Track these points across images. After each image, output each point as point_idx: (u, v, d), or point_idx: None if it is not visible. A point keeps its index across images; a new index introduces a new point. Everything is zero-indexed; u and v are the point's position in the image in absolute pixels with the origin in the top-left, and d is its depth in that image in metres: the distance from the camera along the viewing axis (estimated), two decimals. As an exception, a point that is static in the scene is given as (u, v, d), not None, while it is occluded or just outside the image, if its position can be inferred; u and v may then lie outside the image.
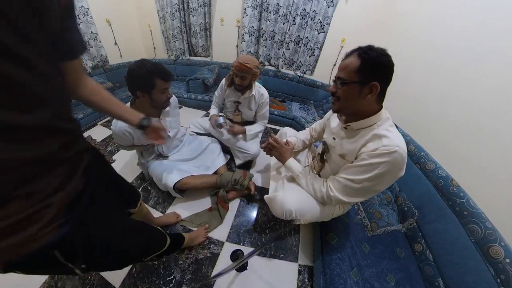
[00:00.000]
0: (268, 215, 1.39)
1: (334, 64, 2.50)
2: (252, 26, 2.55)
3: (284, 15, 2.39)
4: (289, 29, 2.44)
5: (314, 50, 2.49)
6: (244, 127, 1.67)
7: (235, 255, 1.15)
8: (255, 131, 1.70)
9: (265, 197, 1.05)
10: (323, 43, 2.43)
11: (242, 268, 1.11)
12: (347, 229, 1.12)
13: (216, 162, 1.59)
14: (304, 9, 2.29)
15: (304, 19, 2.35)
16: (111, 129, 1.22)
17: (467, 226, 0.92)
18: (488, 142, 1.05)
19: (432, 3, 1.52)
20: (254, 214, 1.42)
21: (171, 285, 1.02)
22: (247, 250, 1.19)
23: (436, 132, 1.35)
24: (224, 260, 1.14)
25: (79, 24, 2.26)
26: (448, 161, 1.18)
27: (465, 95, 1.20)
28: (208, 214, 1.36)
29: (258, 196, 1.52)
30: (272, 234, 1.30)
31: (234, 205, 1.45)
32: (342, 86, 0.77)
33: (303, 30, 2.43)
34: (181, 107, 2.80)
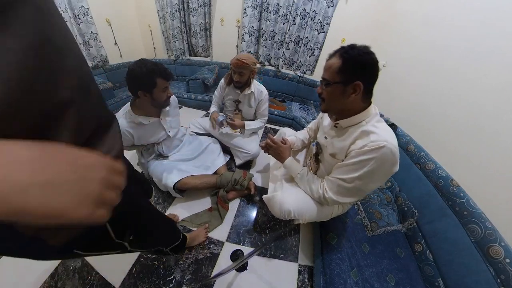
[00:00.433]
0: (268, 215, 1.39)
1: (334, 64, 2.50)
2: (252, 26, 2.55)
3: (284, 15, 2.39)
4: (289, 29, 2.44)
5: (314, 50, 2.49)
6: (243, 122, 1.67)
7: (235, 255, 1.15)
8: (254, 127, 1.70)
9: (263, 197, 1.05)
10: (323, 43, 2.43)
11: (242, 268, 1.11)
12: (347, 229, 1.12)
13: (216, 162, 1.59)
14: (304, 9, 2.29)
15: (304, 19, 2.35)
16: None
17: (467, 226, 0.92)
18: (488, 142, 1.05)
19: (432, 3, 1.52)
20: (254, 214, 1.42)
21: (171, 285, 1.02)
22: (247, 250, 1.19)
23: (436, 132, 1.35)
24: (224, 260, 1.14)
25: (79, 24, 2.27)
26: (448, 161, 1.18)
27: (465, 95, 1.20)
28: (208, 214, 1.36)
29: (258, 196, 1.52)
30: (272, 234, 1.30)
31: (234, 205, 1.45)
32: (326, 87, 0.78)
33: (303, 30, 2.43)
34: (181, 107, 2.80)
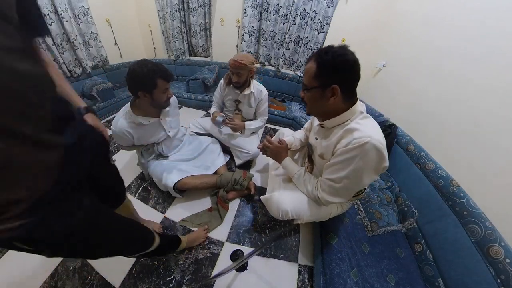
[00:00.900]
0: (268, 215, 1.39)
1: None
2: (252, 26, 2.55)
3: (284, 15, 2.39)
4: (289, 29, 2.44)
5: (314, 50, 2.48)
6: (243, 122, 1.67)
7: (235, 255, 1.15)
8: (254, 126, 1.70)
9: (261, 197, 1.06)
10: (323, 43, 2.43)
11: (242, 268, 1.11)
12: (347, 229, 1.12)
13: (216, 162, 1.59)
14: (304, 9, 2.29)
15: (304, 19, 2.35)
16: (111, 129, 1.21)
17: (467, 226, 0.92)
18: (488, 142, 1.05)
19: (432, 3, 1.52)
20: (254, 214, 1.42)
21: (171, 285, 1.02)
22: (247, 250, 1.19)
23: (436, 132, 1.35)
24: (224, 260, 1.14)
25: (79, 24, 2.27)
26: (448, 161, 1.18)
27: (465, 95, 1.20)
28: (208, 214, 1.36)
29: (258, 196, 1.52)
30: (272, 234, 1.30)
31: (234, 205, 1.45)
32: (305, 92, 0.79)
33: (303, 30, 2.43)
34: (181, 107, 2.80)
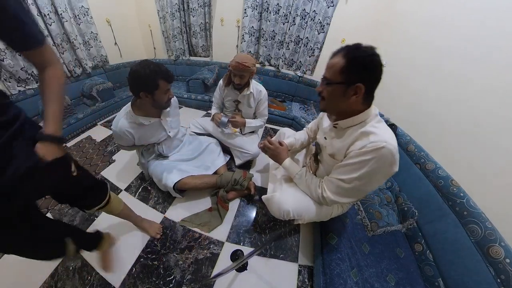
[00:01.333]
0: (268, 215, 1.39)
1: (334, 64, 2.50)
2: (252, 26, 2.55)
3: (284, 16, 2.39)
4: (289, 29, 2.44)
5: (314, 50, 2.49)
6: (244, 119, 1.67)
7: (235, 255, 1.15)
8: (254, 125, 1.71)
9: (263, 197, 1.05)
10: (323, 43, 2.43)
11: (242, 268, 1.11)
12: (347, 229, 1.12)
13: (216, 162, 1.59)
14: (304, 9, 2.29)
15: (304, 19, 2.35)
16: (111, 129, 1.21)
17: (467, 226, 0.92)
18: (488, 142, 1.05)
19: (432, 3, 1.52)
20: (254, 214, 1.42)
21: (171, 285, 1.02)
22: (247, 250, 1.19)
23: (436, 132, 1.35)
24: (224, 260, 1.14)
25: (79, 24, 2.27)
26: (448, 161, 1.18)
27: (465, 95, 1.20)
28: (208, 214, 1.36)
29: (258, 196, 1.52)
30: (272, 234, 1.30)
31: (234, 205, 1.45)
32: (327, 86, 0.77)
33: (303, 30, 2.43)
34: (181, 107, 2.80)
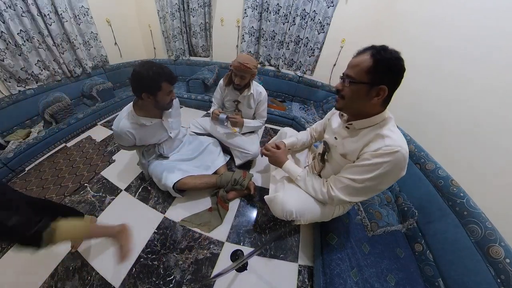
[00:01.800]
0: (268, 215, 1.39)
1: (334, 65, 2.50)
2: (252, 27, 2.55)
3: (284, 16, 2.39)
4: (289, 29, 2.44)
5: (314, 50, 2.49)
6: (243, 119, 1.67)
7: (235, 255, 1.15)
8: (253, 125, 1.71)
9: (265, 197, 1.05)
10: (323, 43, 2.43)
11: (242, 268, 1.11)
12: (347, 229, 1.12)
13: (216, 162, 1.59)
14: (304, 9, 2.29)
15: (304, 19, 2.35)
16: (112, 129, 1.21)
17: (467, 226, 0.92)
18: (488, 142, 1.04)
19: (432, 3, 1.52)
20: (254, 214, 1.42)
21: (171, 285, 1.02)
22: (247, 250, 1.19)
23: (436, 132, 1.35)
24: (224, 260, 1.14)
25: (79, 24, 2.27)
26: (448, 161, 1.18)
27: (465, 95, 1.20)
28: (208, 214, 1.36)
29: (258, 196, 1.52)
30: (272, 234, 1.30)
31: (234, 205, 1.45)
32: (350, 85, 0.75)
33: (303, 30, 2.43)
34: (181, 107, 2.78)
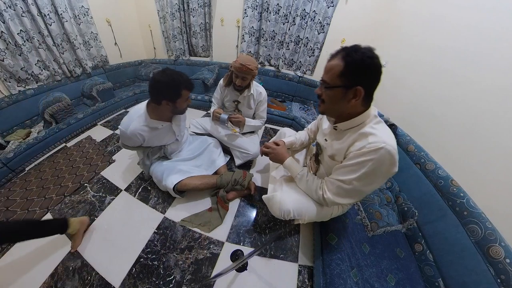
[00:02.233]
0: (268, 215, 1.39)
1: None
2: (252, 27, 2.55)
3: (284, 16, 2.39)
4: (289, 29, 2.44)
5: (314, 50, 2.49)
6: (244, 118, 1.67)
7: (235, 255, 1.15)
8: (254, 124, 1.71)
9: (263, 197, 1.05)
10: (323, 43, 2.43)
11: (242, 268, 1.11)
12: (347, 229, 1.12)
13: (217, 162, 1.59)
14: (304, 9, 2.29)
15: (304, 19, 2.35)
16: (119, 129, 1.21)
17: (467, 226, 0.92)
18: (488, 142, 1.05)
19: (432, 3, 1.52)
20: (254, 214, 1.42)
21: (171, 285, 1.02)
22: (247, 250, 1.19)
23: (436, 132, 1.35)
24: (224, 261, 1.14)
25: (79, 24, 2.28)
26: (448, 161, 1.18)
27: (464, 96, 1.20)
28: (208, 215, 1.36)
29: (258, 196, 1.52)
30: (272, 234, 1.30)
31: (234, 205, 1.45)
32: (326, 90, 0.76)
33: (303, 30, 2.43)
34: (181, 107, 2.80)
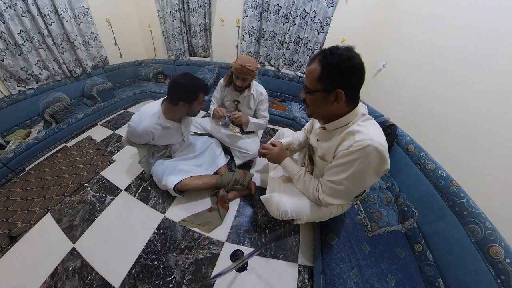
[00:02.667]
0: (268, 215, 1.38)
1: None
2: (252, 27, 2.55)
3: (284, 16, 2.39)
4: (289, 29, 2.44)
5: (314, 50, 2.48)
6: (247, 116, 1.64)
7: (235, 256, 1.15)
8: (258, 122, 1.68)
9: (261, 197, 1.06)
10: (323, 43, 2.43)
11: (242, 268, 1.10)
12: (347, 229, 1.12)
13: (217, 162, 1.59)
14: (304, 9, 2.29)
15: (304, 19, 2.35)
16: (128, 125, 1.21)
17: (467, 226, 0.92)
18: (488, 142, 1.05)
19: (432, 3, 1.52)
20: (254, 214, 1.42)
21: (171, 285, 1.02)
22: (247, 250, 1.19)
23: (436, 132, 1.35)
24: (224, 260, 1.14)
25: (79, 24, 2.28)
26: (448, 161, 1.18)
27: (464, 96, 1.20)
28: (208, 215, 1.36)
29: (258, 196, 1.52)
30: (272, 234, 1.30)
31: (234, 205, 1.45)
32: (307, 94, 0.76)
33: (303, 30, 2.43)
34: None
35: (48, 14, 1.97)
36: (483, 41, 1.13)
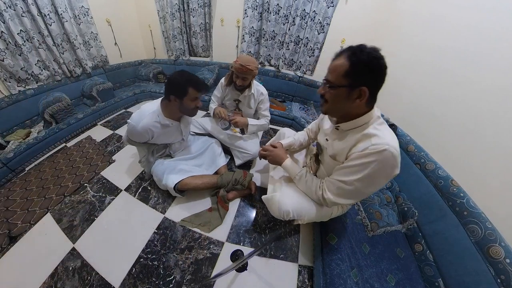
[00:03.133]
0: (268, 215, 1.39)
1: (334, 65, 2.50)
2: (252, 27, 2.56)
3: (284, 16, 2.39)
4: (289, 29, 2.44)
5: (314, 50, 2.49)
6: (247, 118, 1.60)
7: (235, 256, 1.15)
8: (259, 123, 1.65)
9: (263, 197, 1.05)
10: (323, 43, 2.43)
11: (242, 268, 1.10)
12: (347, 229, 1.12)
13: (217, 162, 1.59)
14: (304, 9, 2.29)
15: (304, 19, 2.35)
16: (128, 123, 1.21)
17: (467, 226, 0.92)
18: (488, 142, 1.05)
19: (432, 3, 1.52)
20: (254, 214, 1.42)
21: (171, 285, 1.02)
22: (247, 250, 1.19)
23: (436, 132, 1.35)
24: (224, 260, 1.14)
25: (79, 24, 2.28)
26: (448, 161, 1.18)
27: (464, 96, 1.20)
28: (208, 215, 1.36)
29: (258, 196, 1.52)
30: (272, 234, 1.30)
31: (234, 205, 1.45)
32: (329, 89, 0.75)
33: (303, 30, 2.43)
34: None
35: (48, 14, 1.97)
36: (483, 41, 1.13)
